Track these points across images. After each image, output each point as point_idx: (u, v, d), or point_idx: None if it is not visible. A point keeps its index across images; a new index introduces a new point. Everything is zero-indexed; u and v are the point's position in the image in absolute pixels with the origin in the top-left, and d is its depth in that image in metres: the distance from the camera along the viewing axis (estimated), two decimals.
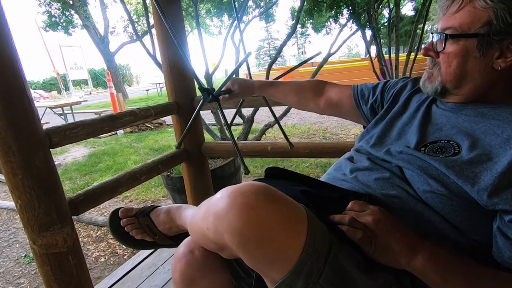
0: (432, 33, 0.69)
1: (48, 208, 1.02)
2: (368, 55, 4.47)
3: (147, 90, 16.27)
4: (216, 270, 0.73)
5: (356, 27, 3.95)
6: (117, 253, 2.15)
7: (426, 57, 0.71)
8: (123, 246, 2.26)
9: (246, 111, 3.82)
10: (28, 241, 2.55)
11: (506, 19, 0.57)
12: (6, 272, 2.07)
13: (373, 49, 4.22)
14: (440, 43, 0.65)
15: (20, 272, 2.06)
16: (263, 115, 7.00)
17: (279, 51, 3.80)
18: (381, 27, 4.95)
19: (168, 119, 7.60)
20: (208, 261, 0.72)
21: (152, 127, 7.00)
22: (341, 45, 3.77)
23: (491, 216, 0.56)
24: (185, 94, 1.69)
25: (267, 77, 3.57)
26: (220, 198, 0.52)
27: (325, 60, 3.90)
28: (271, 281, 0.53)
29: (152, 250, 1.71)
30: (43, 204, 1.00)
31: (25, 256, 2.24)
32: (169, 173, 2.43)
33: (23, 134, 0.93)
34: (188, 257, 0.72)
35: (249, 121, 4.07)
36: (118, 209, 1.00)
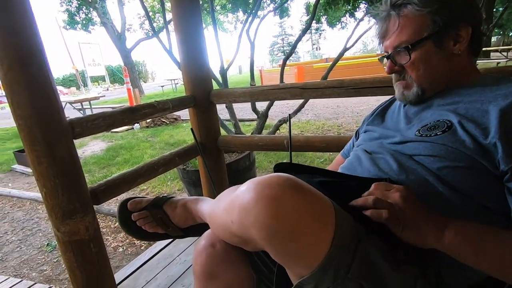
0: (386, 57, 0.77)
1: (71, 196, 1.05)
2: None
3: (162, 86, 16.49)
4: (238, 264, 0.72)
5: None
6: (135, 243, 2.21)
7: (390, 74, 0.80)
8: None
9: (260, 106, 3.82)
10: (51, 229, 2.64)
11: (444, 14, 0.68)
12: (30, 260, 2.16)
13: None
14: (403, 57, 0.73)
15: (43, 260, 2.14)
16: (276, 111, 6.98)
17: (294, 46, 3.77)
18: None
19: (184, 115, 7.69)
20: (230, 255, 0.71)
21: (168, 122, 7.09)
22: (357, 39, 3.70)
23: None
24: (202, 87, 1.70)
25: (282, 72, 3.56)
26: (246, 191, 0.50)
27: (340, 55, 3.83)
28: (297, 275, 0.52)
29: (168, 241, 1.74)
30: (66, 192, 1.03)
31: (47, 244, 2.33)
32: (184, 167, 2.46)
33: (48, 124, 0.96)
34: (209, 251, 0.71)
35: (263, 116, 4.06)
36: (127, 200, 0.97)
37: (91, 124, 1.11)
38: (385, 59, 0.78)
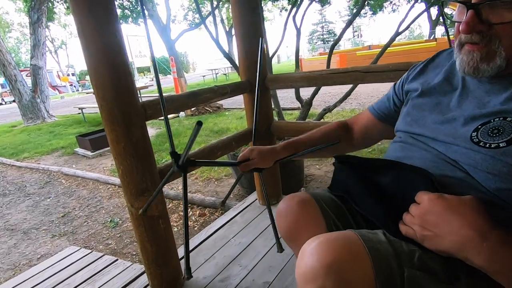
0: (469, 6, 0.55)
1: (144, 175, 1.11)
2: (432, 36, 4.02)
3: (203, 76, 16.90)
4: (315, 225, 0.74)
5: (425, 5, 3.56)
6: (188, 224, 2.32)
7: (467, 34, 0.57)
8: (193, 217, 2.42)
9: (305, 94, 3.75)
10: (112, 207, 2.85)
11: None
12: (96, 234, 2.37)
13: (439, 30, 3.77)
14: (503, 12, 0.52)
15: (107, 235, 2.34)
16: (318, 100, 6.82)
17: (343, 32, 3.61)
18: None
19: (226, 103, 7.83)
20: (306, 217, 0.75)
21: (211, 111, 7.27)
22: (412, 22, 3.44)
23: None
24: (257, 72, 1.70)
25: (329, 59, 3.45)
26: (310, 255, 0.53)
27: (392, 40, 3.61)
28: None
29: (223, 223, 1.80)
30: (140, 171, 1.10)
31: (110, 221, 2.54)
32: (234, 153, 2.51)
33: (126, 105, 1.03)
34: (287, 211, 0.76)
35: (307, 104, 3.98)
36: None
37: (160, 106, 1.17)
38: (459, 9, 0.57)
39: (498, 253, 0.44)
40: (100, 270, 1.61)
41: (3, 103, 23.18)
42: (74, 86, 33.26)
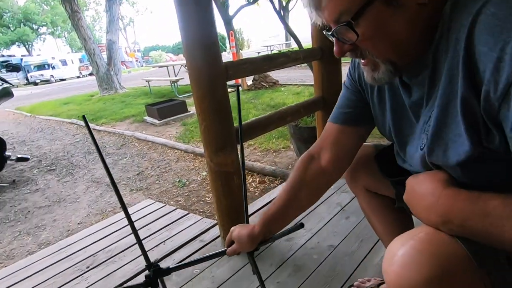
0: (331, 34, 0.53)
1: (223, 132, 1.19)
2: None
3: (258, 53, 16.82)
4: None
5: None
6: (249, 189, 2.44)
7: (348, 56, 0.57)
8: (253, 184, 2.53)
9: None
10: (179, 169, 3.08)
11: None
12: (167, 191, 2.63)
13: None
14: (348, 34, 0.51)
15: (177, 192, 2.57)
16: None
17: None
18: None
19: (282, 79, 7.76)
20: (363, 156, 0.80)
21: (267, 86, 7.30)
22: None
23: None
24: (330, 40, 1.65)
25: None
26: (404, 266, 0.49)
27: None
28: None
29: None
30: (220, 128, 1.18)
31: (178, 181, 2.78)
32: (296, 123, 2.52)
33: (211, 64, 1.09)
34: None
35: None
36: None
37: (241, 67, 1.22)
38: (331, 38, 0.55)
39: (449, 207, 0.49)
40: (175, 221, 1.79)
41: (81, 76, 25.97)
42: (139, 62, 35.73)
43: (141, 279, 1.28)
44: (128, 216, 0.77)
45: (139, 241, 0.82)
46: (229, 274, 1.23)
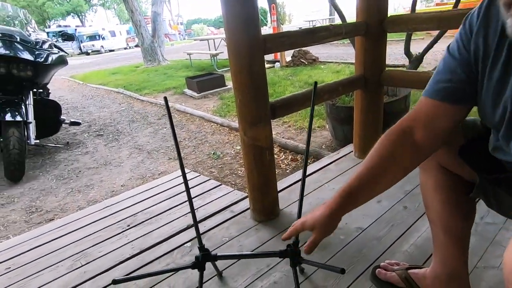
0: None
1: (258, 106, 1.19)
2: None
3: (299, 28, 16.22)
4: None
5: None
6: (281, 166, 2.45)
7: None
8: (285, 161, 2.54)
9: (415, 47, 3.27)
10: (215, 142, 3.17)
11: None
12: (202, 162, 2.73)
13: None
14: None
15: (211, 164, 2.67)
16: (429, 58, 5.84)
17: None
18: None
19: (322, 56, 7.47)
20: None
21: (306, 63, 7.07)
22: None
23: None
24: (377, 12, 1.54)
25: (457, 3, 2.86)
26: None
27: None
28: None
29: (317, 168, 1.84)
30: (255, 102, 1.18)
31: (213, 153, 2.87)
32: (333, 102, 2.44)
33: (249, 37, 1.08)
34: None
35: (417, 60, 3.50)
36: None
37: (279, 40, 1.19)
38: None
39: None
40: (208, 190, 1.87)
41: (128, 47, 27.03)
42: (181, 35, 36.19)
43: (174, 241, 1.38)
44: (189, 194, 0.84)
45: (195, 224, 0.92)
46: (256, 245, 1.28)
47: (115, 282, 0.88)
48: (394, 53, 7.04)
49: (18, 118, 2.68)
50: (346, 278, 1.06)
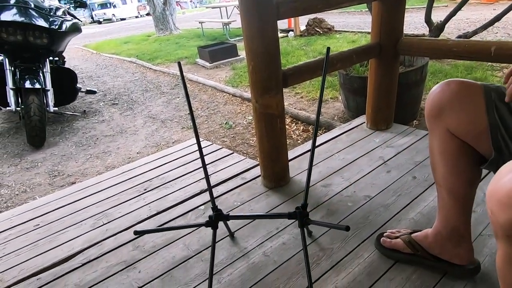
0: None
1: (270, 74, 1.19)
2: None
3: None
4: (469, 106, 0.72)
5: None
6: (292, 137, 2.47)
7: None
8: (297, 132, 2.55)
9: (438, 15, 3.10)
10: (227, 112, 3.19)
11: None
12: (215, 131, 2.78)
13: None
14: None
15: (223, 134, 2.72)
16: (451, 27, 5.53)
17: None
18: None
19: (338, 25, 7.16)
20: (463, 95, 0.73)
21: (321, 32, 6.82)
22: None
23: None
24: None
25: None
26: None
27: None
28: None
29: (328, 138, 1.85)
30: (267, 69, 1.18)
31: (225, 123, 2.91)
32: (347, 72, 2.39)
33: (262, 2, 1.06)
34: (444, 87, 0.75)
35: (438, 29, 3.33)
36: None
37: (292, 5, 1.16)
38: None
39: None
40: (220, 158, 1.92)
41: (139, 16, 26.51)
42: (193, 2, 35.06)
43: (188, 204, 1.46)
44: (203, 160, 0.89)
45: (209, 187, 0.99)
46: (266, 209, 1.34)
47: (136, 233, 0.96)
48: (415, 22, 6.70)
49: (37, 86, 2.75)
50: (351, 242, 1.10)
